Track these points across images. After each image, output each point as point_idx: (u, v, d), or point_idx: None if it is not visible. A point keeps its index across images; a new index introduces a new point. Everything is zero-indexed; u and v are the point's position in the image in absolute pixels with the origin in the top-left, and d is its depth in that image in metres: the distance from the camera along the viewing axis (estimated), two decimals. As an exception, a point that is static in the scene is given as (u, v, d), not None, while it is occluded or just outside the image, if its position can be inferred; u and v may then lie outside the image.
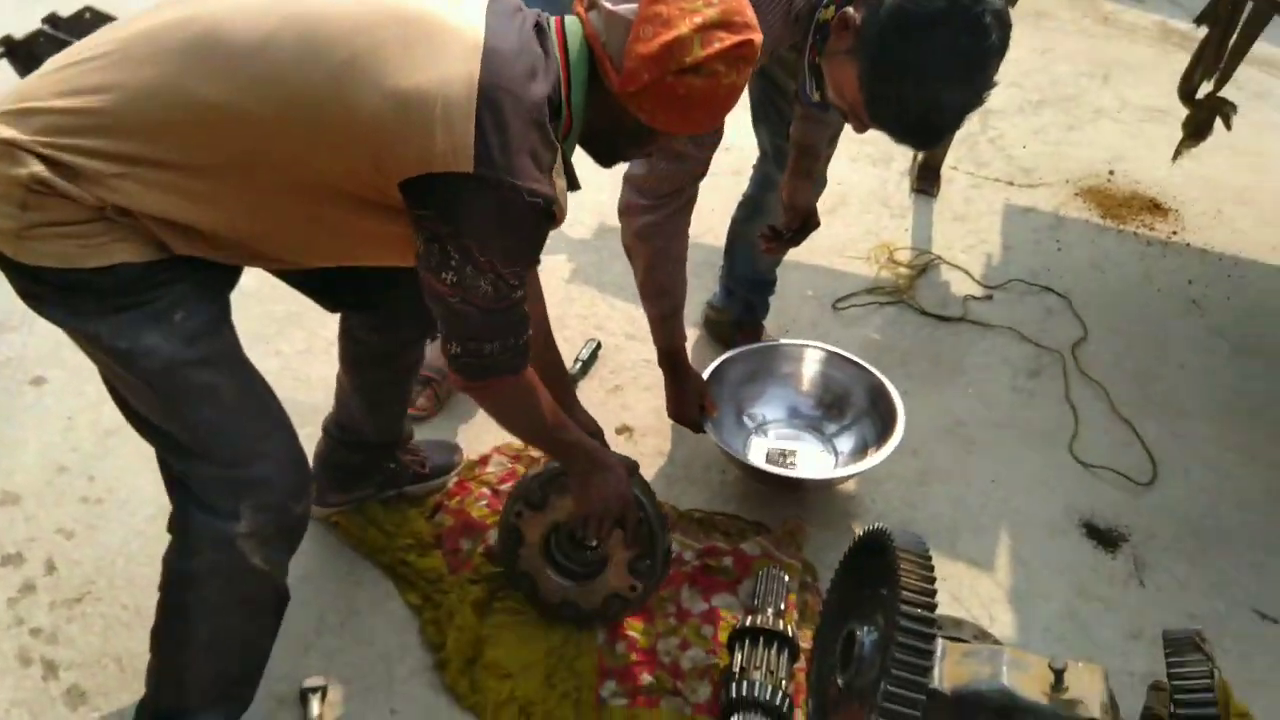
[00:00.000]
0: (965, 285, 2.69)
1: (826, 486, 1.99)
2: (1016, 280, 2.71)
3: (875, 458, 1.88)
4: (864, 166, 3.20)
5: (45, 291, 1.15)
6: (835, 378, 2.10)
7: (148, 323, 1.16)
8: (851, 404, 2.06)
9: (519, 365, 1.31)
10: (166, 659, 1.32)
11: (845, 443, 2.03)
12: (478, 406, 2.14)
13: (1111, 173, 3.29)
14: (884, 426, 1.96)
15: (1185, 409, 2.35)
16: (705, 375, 1.99)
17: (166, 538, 1.69)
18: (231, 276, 1.30)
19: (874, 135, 1.48)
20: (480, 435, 2.03)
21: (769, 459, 1.98)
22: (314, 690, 1.50)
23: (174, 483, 1.29)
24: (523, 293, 1.24)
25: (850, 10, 1.39)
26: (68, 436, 1.90)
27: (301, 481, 1.30)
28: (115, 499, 1.79)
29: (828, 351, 2.11)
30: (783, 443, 2.04)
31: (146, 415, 1.25)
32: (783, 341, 2.19)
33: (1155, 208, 3.13)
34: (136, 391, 1.23)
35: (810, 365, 2.13)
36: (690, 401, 1.94)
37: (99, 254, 1.11)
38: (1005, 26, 1.32)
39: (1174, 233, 3.02)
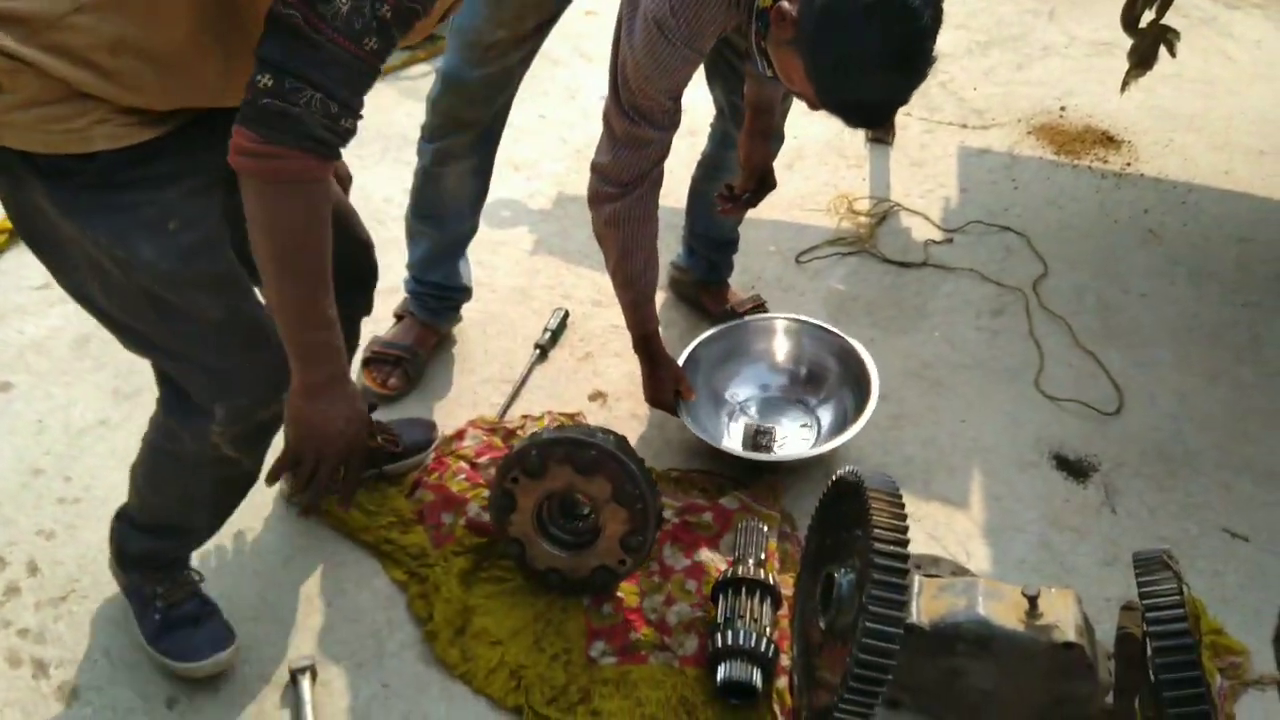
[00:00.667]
0: (925, 230, 2.71)
1: (805, 463, 1.98)
2: (975, 222, 2.74)
3: (850, 431, 1.90)
4: (818, 118, 3.12)
5: (36, 181, 1.14)
6: (810, 349, 2.11)
7: (142, 232, 1.17)
8: (829, 374, 2.08)
9: (329, 153, 1.10)
10: (135, 487, 1.51)
11: (826, 414, 2.05)
12: (450, 384, 2.17)
13: (1063, 109, 3.31)
14: (862, 393, 1.97)
15: (1147, 337, 2.39)
16: (680, 360, 2.00)
17: (146, 533, 1.70)
18: (221, 183, 1.23)
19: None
20: (454, 411, 2.04)
21: (746, 437, 1.98)
22: (303, 670, 1.51)
23: (161, 373, 1.37)
24: (384, 60, 1.10)
25: (785, 3, 1.39)
26: (40, 439, 1.89)
27: (271, 393, 1.33)
28: (93, 497, 1.79)
29: (800, 321, 2.12)
30: (763, 420, 2.04)
31: (130, 322, 1.28)
32: (753, 318, 2.19)
33: (1108, 141, 3.16)
34: (128, 297, 1.24)
35: (784, 338, 2.13)
36: (666, 387, 1.95)
37: (80, 139, 1.11)
38: (935, 3, 1.34)
39: (1128, 164, 3.05)
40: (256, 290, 1.32)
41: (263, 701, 1.50)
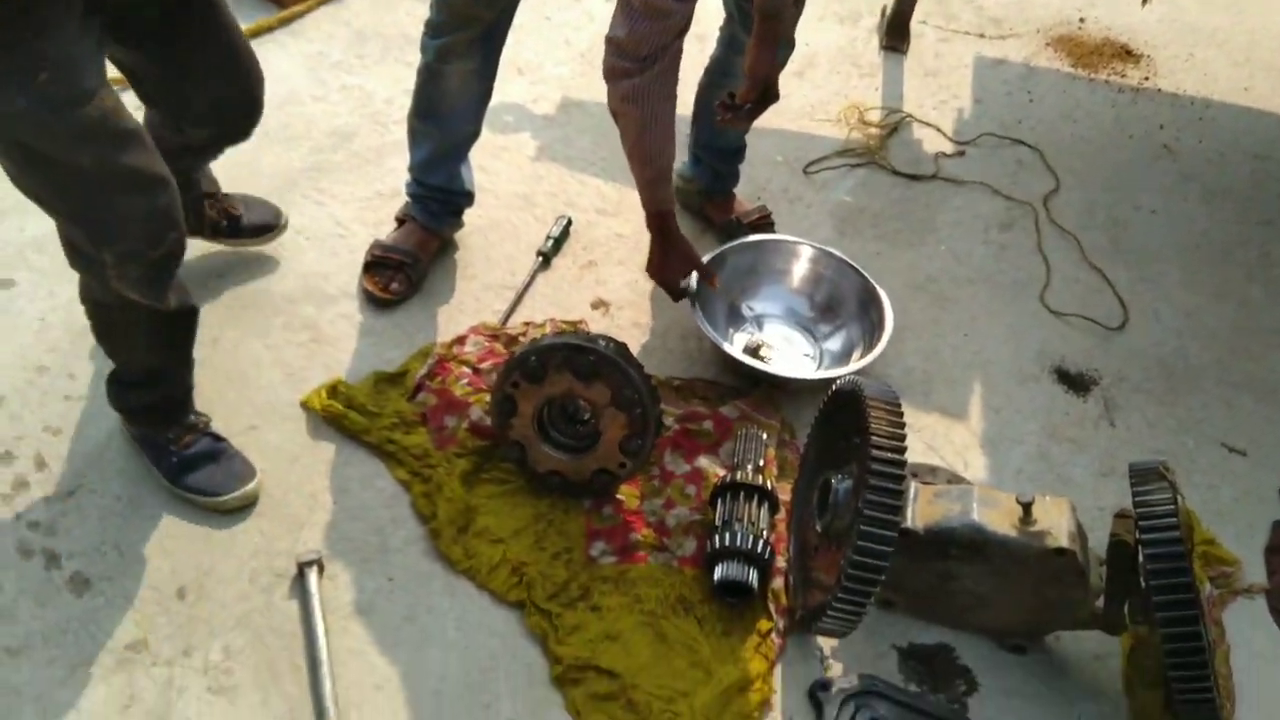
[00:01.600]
0: (937, 142, 2.66)
1: (801, 386, 1.95)
2: (988, 134, 2.68)
3: (854, 365, 1.89)
4: (831, 25, 3.11)
5: None
6: (832, 280, 2.08)
7: (13, 84, 1.19)
8: (844, 307, 2.05)
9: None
10: (100, 345, 1.62)
11: (833, 344, 2.03)
12: (452, 290, 2.16)
13: (1082, 20, 3.21)
14: (872, 332, 1.96)
15: (1156, 254, 2.37)
16: (706, 258, 1.98)
17: (152, 429, 1.72)
18: (92, 27, 1.29)
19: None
20: (456, 316, 2.04)
21: (746, 350, 1.96)
22: (310, 563, 1.54)
23: (58, 226, 1.42)
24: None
25: None
26: (43, 337, 1.89)
27: (157, 233, 1.39)
28: (97, 394, 1.79)
29: (831, 254, 2.08)
30: (769, 339, 2.02)
31: (15, 174, 1.33)
32: (784, 238, 2.15)
33: (1127, 54, 3.07)
34: (7, 150, 1.29)
35: (810, 265, 2.10)
36: (675, 267, 1.91)
37: None
38: None
39: (1145, 78, 2.98)
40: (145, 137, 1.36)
41: (271, 593, 1.54)
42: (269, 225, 2.07)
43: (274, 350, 1.92)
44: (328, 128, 2.51)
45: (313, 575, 1.53)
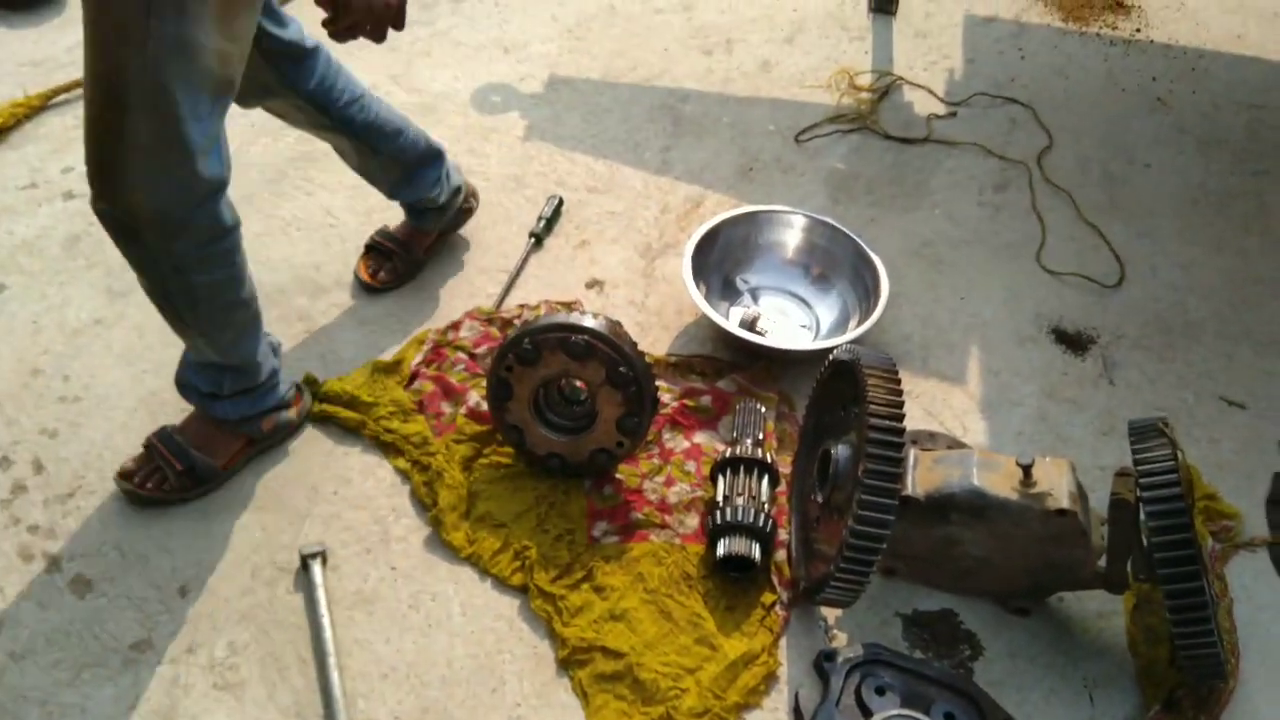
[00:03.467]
0: (929, 104, 2.63)
1: (798, 358, 1.92)
2: (980, 94, 2.65)
3: (851, 334, 1.88)
4: (820, -10, 3.07)
5: None
6: (826, 248, 2.06)
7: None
8: (839, 276, 2.04)
9: None
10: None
11: (828, 314, 2.02)
12: (445, 275, 2.14)
13: (1075, -27, 3.16)
14: (868, 299, 1.94)
15: (1152, 209, 2.35)
16: (700, 233, 1.98)
17: (149, 428, 1.72)
18: None
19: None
20: (450, 301, 2.03)
21: (742, 324, 1.93)
22: (314, 555, 1.55)
23: None
24: None
25: None
26: (37, 340, 1.89)
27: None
28: (93, 396, 1.80)
29: (823, 223, 2.07)
30: (765, 310, 2.01)
31: None
32: (779, 209, 2.12)
33: (1118, 6, 3.03)
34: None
35: (803, 234, 2.08)
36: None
37: None
38: None
39: (1137, 30, 2.93)
40: None
41: (274, 587, 1.54)
42: None
43: (268, 343, 1.91)
44: (312, 116, 2.48)
45: (317, 567, 1.53)
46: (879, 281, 1.94)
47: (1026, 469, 1.44)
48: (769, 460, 1.65)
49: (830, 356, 1.59)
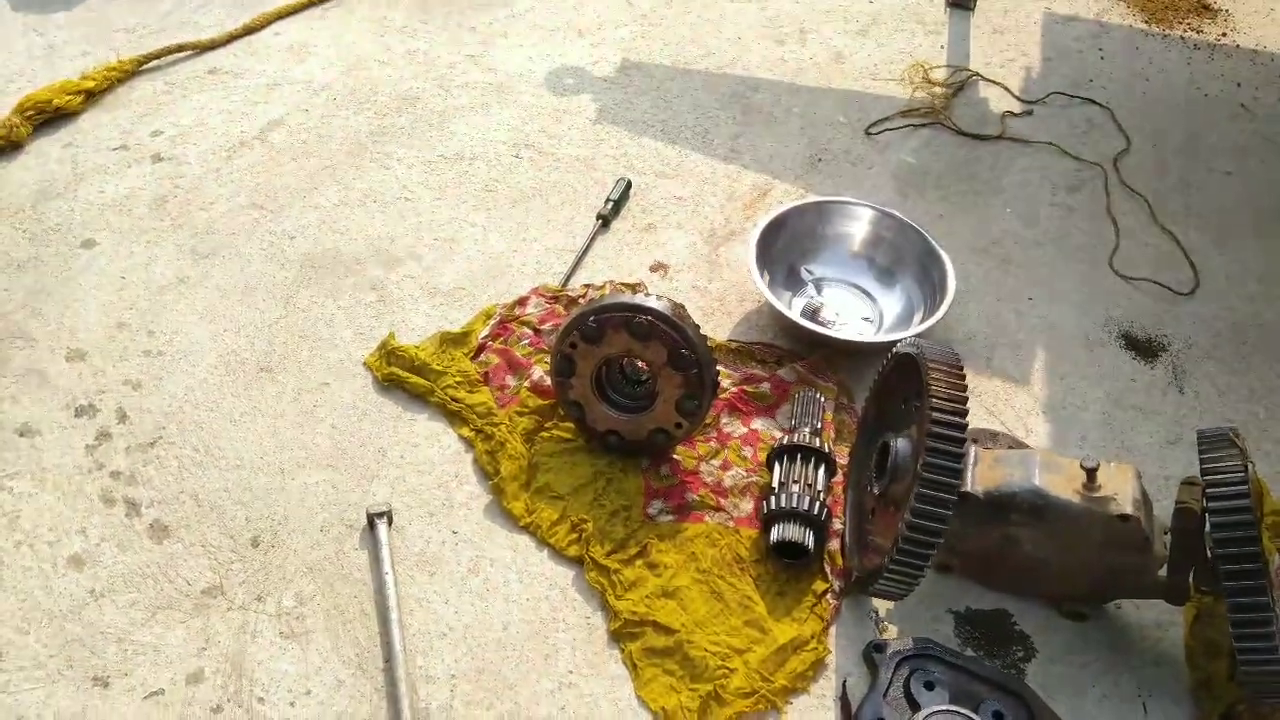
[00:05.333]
0: (1004, 101, 2.60)
1: (860, 349, 1.92)
2: (1057, 93, 2.61)
3: (914, 328, 1.87)
4: (897, -18, 3.04)
5: None
6: (893, 242, 2.05)
7: None
8: (905, 270, 2.03)
9: None
10: None
11: (892, 307, 2.01)
12: (514, 252, 2.17)
13: (1162, -27, 3.09)
14: (933, 295, 1.93)
15: (1230, 217, 2.29)
16: (765, 221, 1.98)
17: (227, 385, 1.78)
18: None
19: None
20: (518, 278, 2.06)
21: (804, 313, 1.94)
22: (381, 515, 1.59)
23: None
24: None
25: None
26: (123, 295, 1.97)
27: None
28: (175, 351, 1.87)
29: (892, 216, 2.06)
30: (829, 301, 2.00)
31: None
32: (848, 200, 2.12)
33: (1203, 9, 2.95)
34: None
35: (870, 226, 2.07)
36: None
37: None
38: None
39: (1223, 34, 2.86)
40: None
41: (342, 543, 1.59)
42: None
43: (345, 310, 1.97)
44: (392, 92, 2.54)
45: (383, 526, 1.58)
46: (946, 278, 1.93)
47: (1091, 472, 1.43)
48: (826, 449, 1.66)
49: (894, 349, 1.59)
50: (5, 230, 2.10)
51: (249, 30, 2.73)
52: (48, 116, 2.37)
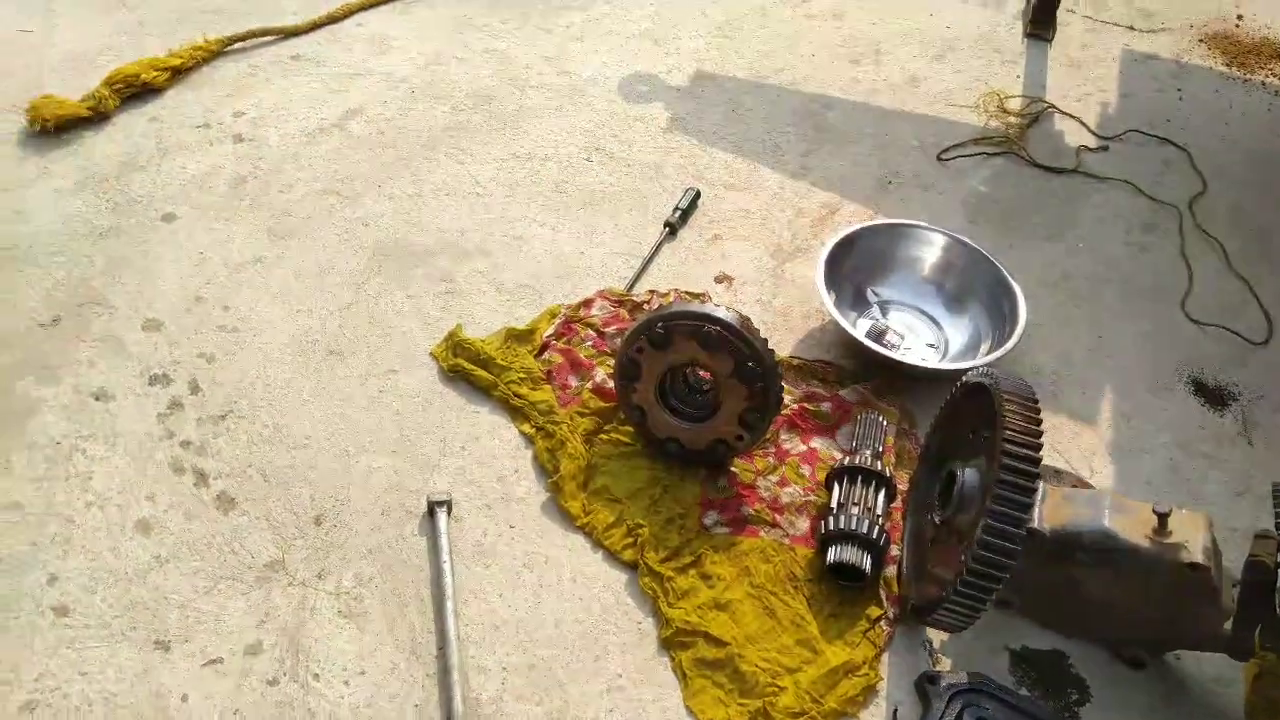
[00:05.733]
0: (1079, 135, 2.57)
1: (925, 375, 1.90)
2: (1134, 131, 2.58)
3: (981, 358, 1.85)
4: (974, 8, 3.03)
5: None
6: (963, 269, 2.03)
7: None
8: (974, 299, 2.00)
9: None
10: None
11: (958, 336, 1.98)
12: (580, 254, 2.17)
13: (1240, 18, 3.05)
14: (1002, 326, 1.91)
15: (1309, 269, 2.25)
16: (834, 240, 1.97)
17: (298, 365, 1.81)
18: None
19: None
20: (584, 279, 2.08)
21: (870, 334, 1.91)
22: (441, 503, 1.61)
23: None
24: None
25: None
26: (201, 269, 2.01)
27: None
28: (249, 328, 1.90)
29: (964, 244, 2.04)
30: (894, 326, 1.98)
31: None
32: (917, 224, 2.10)
33: (1293, 55, 2.90)
34: None
35: (942, 253, 2.06)
36: None
37: None
38: None
39: (1312, 83, 2.81)
40: None
41: (402, 528, 1.61)
42: None
43: (414, 300, 1.99)
44: (469, 89, 2.57)
45: (442, 515, 1.60)
46: (1017, 309, 1.91)
47: (1163, 517, 1.41)
48: (887, 474, 1.65)
49: (964, 377, 1.58)
50: (90, 198, 2.15)
51: (332, 19, 2.78)
52: (135, 91, 2.43)
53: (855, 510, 1.58)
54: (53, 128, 2.30)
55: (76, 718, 1.37)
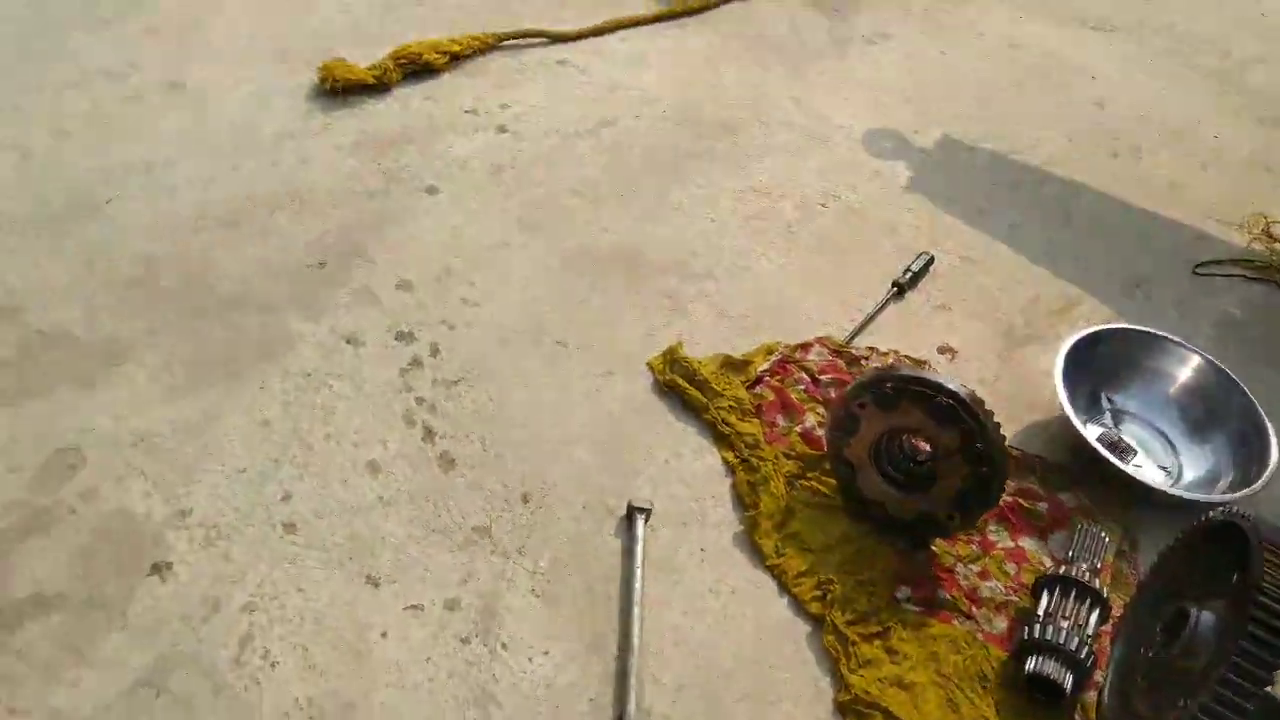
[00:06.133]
0: (1357, 278, 2.37)
1: (1156, 499, 1.78)
2: None
3: (1219, 494, 1.73)
4: (1248, 124, 2.86)
5: None
6: (1213, 396, 1.90)
7: None
8: (1220, 430, 1.87)
9: None
10: None
11: (1193, 467, 1.85)
12: (802, 297, 2.15)
13: None
14: (1247, 465, 1.78)
15: None
16: (1079, 336, 1.89)
17: (528, 349, 1.89)
18: None
19: (1271, 92, 1.31)
20: (803, 323, 2.08)
21: (1102, 443, 1.81)
22: (641, 510, 1.64)
23: None
24: None
25: None
26: (454, 243, 2.14)
27: None
28: (489, 305, 2.01)
29: (1218, 369, 1.91)
30: (1124, 433, 1.88)
31: None
32: (1171, 337, 1.99)
33: None
34: None
35: (1196, 374, 1.94)
36: None
37: None
38: None
39: None
40: None
41: (600, 524, 1.65)
42: None
43: (639, 310, 2.05)
44: (716, 118, 2.63)
45: (641, 521, 1.63)
46: (1267, 452, 1.78)
47: None
48: (1103, 592, 1.56)
49: (1211, 512, 1.48)
50: (366, 162, 2.32)
51: (597, 32, 2.91)
52: (416, 69, 2.62)
53: (1065, 624, 1.50)
54: (340, 89, 2.51)
55: (288, 628, 1.47)
